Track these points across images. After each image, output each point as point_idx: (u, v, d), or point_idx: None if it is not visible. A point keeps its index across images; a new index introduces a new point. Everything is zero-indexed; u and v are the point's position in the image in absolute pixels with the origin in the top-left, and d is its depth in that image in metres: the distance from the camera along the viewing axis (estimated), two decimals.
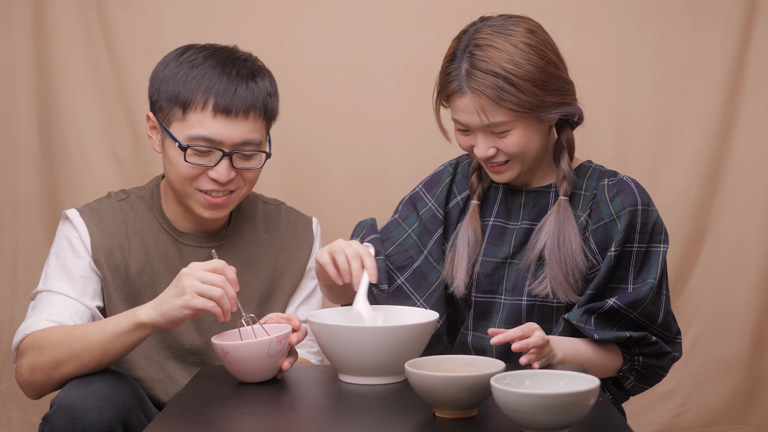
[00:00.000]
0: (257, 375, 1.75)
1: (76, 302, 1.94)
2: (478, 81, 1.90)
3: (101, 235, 2.00)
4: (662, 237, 1.98)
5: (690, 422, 2.81)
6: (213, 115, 1.92)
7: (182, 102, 1.93)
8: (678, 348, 2.02)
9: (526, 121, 1.93)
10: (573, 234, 1.96)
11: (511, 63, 1.89)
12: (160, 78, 1.97)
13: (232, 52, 2.00)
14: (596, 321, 1.93)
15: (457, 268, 2.04)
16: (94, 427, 1.70)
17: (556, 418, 1.43)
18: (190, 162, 1.94)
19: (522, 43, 1.91)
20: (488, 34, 1.93)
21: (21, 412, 2.78)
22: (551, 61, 1.94)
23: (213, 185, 1.96)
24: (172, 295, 1.73)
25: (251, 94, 1.95)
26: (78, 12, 2.71)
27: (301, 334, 1.78)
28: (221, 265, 1.74)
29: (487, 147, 1.95)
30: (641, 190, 1.99)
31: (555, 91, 1.93)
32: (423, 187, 2.14)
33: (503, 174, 1.99)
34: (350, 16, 2.73)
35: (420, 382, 1.55)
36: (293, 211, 2.17)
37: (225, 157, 1.94)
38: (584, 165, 2.06)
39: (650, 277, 1.95)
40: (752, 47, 2.71)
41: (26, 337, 1.86)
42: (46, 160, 2.74)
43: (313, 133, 2.74)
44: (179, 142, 1.93)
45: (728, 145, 2.74)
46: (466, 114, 1.94)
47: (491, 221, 2.06)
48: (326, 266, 1.86)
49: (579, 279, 1.96)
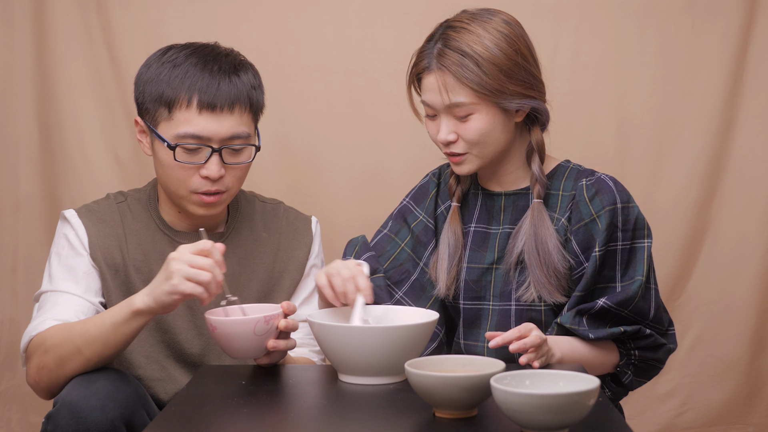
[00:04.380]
0: (243, 352, 1.79)
1: (81, 299, 1.95)
2: (445, 59, 1.94)
3: (99, 235, 2.00)
4: (645, 232, 1.99)
5: (690, 422, 2.81)
6: (198, 112, 1.93)
7: (167, 101, 1.94)
8: (672, 339, 2.03)
9: (487, 106, 1.94)
10: (549, 236, 1.96)
11: (479, 45, 1.93)
12: (144, 80, 1.98)
13: (213, 48, 2.01)
14: (589, 321, 1.94)
15: (440, 269, 2.05)
16: (98, 425, 1.70)
17: (556, 418, 1.44)
18: (180, 161, 1.94)
19: (495, 29, 1.95)
20: (465, 20, 1.98)
21: (21, 412, 2.78)
22: (521, 52, 1.96)
23: (206, 184, 1.96)
24: (162, 279, 1.74)
25: (234, 88, 1.95)
26: (78, 12, 2.70)
27: (290, 322, 1.80)
28: (209, 246, 1.74)
29: (448, 131, 1.97)
30: (620, 187, 1.99)
31: (520, 82, 1.95)
32: (411, 200, 2.15)
33: (462, 166, 2.00)
34: (350, 16, 2.73)
35: (420, 382, 1.55)
36: (292, 210, 2.17)
37: (214, 153, 1.94)
38: (562, 165, 2.06)
39: (637, 274, 1.95)
40: (752, 47, 2.70)
41: (32, 338, 1.88)
42: (46, 160, 2.74)
43: (313, 133, 2.74)
44: (167, 142, 1.93)
45: (728, 145, 2.73)
46: (431, 93, 1.97)
47: (473, 227, 2.07)
48: (323, 289, 1.86)
49: (561, 279, 1.96)
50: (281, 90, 2.67)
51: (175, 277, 1.71)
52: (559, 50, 2.69)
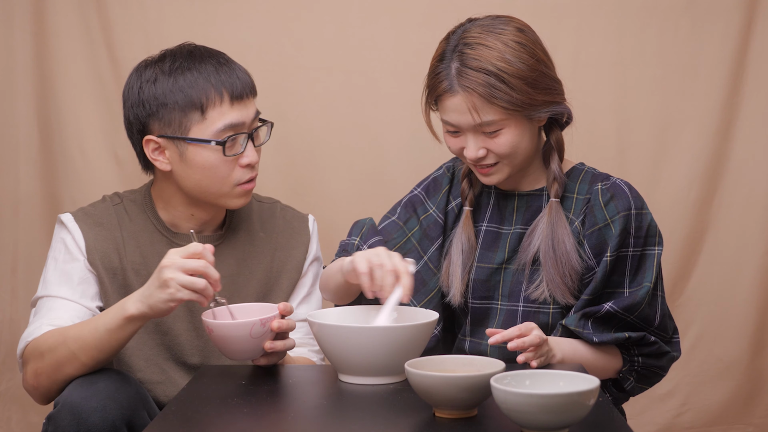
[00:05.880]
0: (240, 354, 1.80)
1: (77, 305, 1.95)
2: (469, 79, 1.89)
3: (96, 239, 2.00)
4: (656, 239, 1.98)
5: (690, 422, 2.81)
6: (231, 105, 1.96)
7: (199, 104, 1.95)
8: (676, 347, 2.03)
9: (516, 120, 1.92)
10: (566, 235, 1.95)
11: (502, 61, 1.89)
12: (154, 96, 1.97)
13: (198, 48, 2.03)
14: (593, 325, 1.93)
15: (453, 276, 2.03)
16: (98, 426, 1.70)
17: (556, 418, 1.43)
18: (228, 155, 1.96)
19: (512, 41, 1.91)
20: (478, 33, 1.92)
21: (21, 413, 2.78)
22: (541, 59, 1.93)
23: (247, 173, 2.00)
24: (156, 287, 1.74)
25: (243, 75, 2.01)
26: (78, 12, 2.70)
27: (284, 323, 1.79)
28: (200, 249, 1.74)
29: (478, 148, 1.94)
30: (634, 193, 1.98)
31: (545, 90, 1.93)
32: (422, 190, 2.13)
33: (492, 176, 1.98)
34: (350, 16, 2.73)
35: (420, 382, 1.55)
36: (288, 208, 2.17)
37: (249, 139, 1.99)
38: (576, 168, 2.05)
39: (646, 280, 1.95)
40: (752, 47, 2.70)
41: (28, 344, 1.88)
42: (46, 160, 2.74)
43: (313, 133, 2.74)
44: (213, 141, 1.95)
45: (728, 145, 2.73)
46: (456, 114, 1.93)
47: (484, 227, 2.06)
48: (361, 276, 1.81)
49: (576, 280, 1.96)
50: (281, 90, 2.68)
51: (171, 285, 1.72)
52: (560, 50, 2.67)
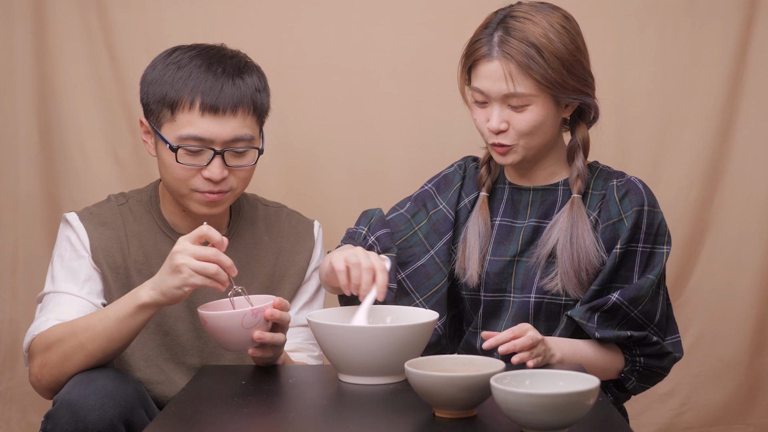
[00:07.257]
0: (234, 344, 1.80)
1: (84, 300, 1.95)
2: (510, 46, 1.93)
3: (100, 238, 2.00)
4: (665, 239, 2.00)
5: (690, 422, 2.81)
6: (201, 114, 1.93)
7: (170, 103, 1.94)
8: (678, 348, 2.03)
9: (544, 99, 1.95)
10: (586, 231, 1.97)
11: (544, 37, 1.94)
12: (149, 81, 1.99)
13: (219, 50, 2.01)
14: (599, 319, 1.94)
15: (469, 259, 2.05)
16: (97, 424, 1.70)
17: (556, 418, 1.44)
18: (182, 163, 1.94)
19: (558, 23, 1.96)
20: (527, 9, 1.98)
21: (21, 412, 2.77)
22: (580, 49, 1.98)
23: (208, 185, 1.96)
24: (168, 273, 1.75)
25: (238, 91, 1.95)
26: (78, 12, 2.70)
27: (277, 312, 1.79)
28: (205, 231, 1.75)
29: (501, 120, 1.97)
30: (648, 191, 2.01)
31: (578, 78, 1.97)
32: (433, 186, 2.14)
33: (507, 156, 2.00)
34: (350, 16, 2.73)
35: (420, 382, 1.55)
36: (294, 214, 2.17)
37: (217, 155, 1.94)
38: (592, 165, 2.08)
39: (651, 274, 1.96)
40: (752, 47, 2.70)
41: (35, 338, 1.88)
42: (46, 160, 2.74)
43: (313, 133, 2.74)
44: (169, 144, 1.94)
45: (728, 145, 2.73)
46: (489, 80, 1.96)
47: (498, 221, 2.07)
48: (339, 274, 1.86)
49: (592, 275, 1.97)
50: (281, 90, 2.67)
51: (184, 270, 1.73)
52: None
